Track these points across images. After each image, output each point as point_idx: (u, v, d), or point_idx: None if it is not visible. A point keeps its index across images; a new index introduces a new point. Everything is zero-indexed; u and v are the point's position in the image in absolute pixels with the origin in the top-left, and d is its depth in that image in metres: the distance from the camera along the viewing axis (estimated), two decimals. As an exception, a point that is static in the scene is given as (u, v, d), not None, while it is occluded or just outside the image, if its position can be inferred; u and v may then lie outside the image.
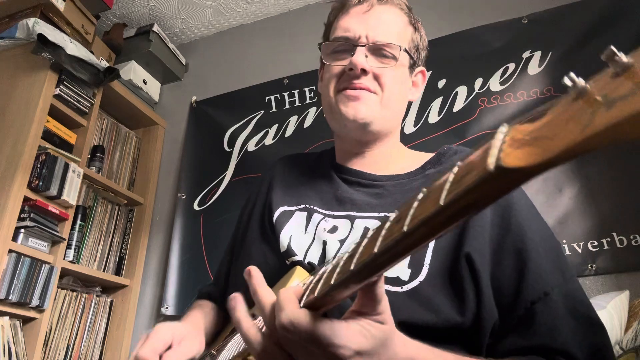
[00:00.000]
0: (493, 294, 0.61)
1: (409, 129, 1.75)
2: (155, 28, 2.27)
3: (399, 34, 0.79)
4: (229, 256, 0.91)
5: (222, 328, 0.84)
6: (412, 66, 0.83)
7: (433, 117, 1.73)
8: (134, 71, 2.20)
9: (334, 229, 0.71)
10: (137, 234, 2.03)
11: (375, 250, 0.34)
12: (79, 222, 1.76)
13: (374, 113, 0.75)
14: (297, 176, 0.85)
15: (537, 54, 1.66)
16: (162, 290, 1.87)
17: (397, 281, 0.61)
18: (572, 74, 0.22)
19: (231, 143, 2.06)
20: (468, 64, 1.74)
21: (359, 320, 0.42)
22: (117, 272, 1.93)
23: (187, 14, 2.35)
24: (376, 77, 0.76)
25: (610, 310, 1.02)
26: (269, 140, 1.99)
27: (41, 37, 1.65)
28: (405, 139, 1.78)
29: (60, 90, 1.75)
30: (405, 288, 0.61)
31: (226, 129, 2.09)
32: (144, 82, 2.28)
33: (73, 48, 1.72)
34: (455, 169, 0.27)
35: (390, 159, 0.82)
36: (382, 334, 0.43)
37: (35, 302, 1.50)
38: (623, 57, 0.20)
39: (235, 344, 0.67)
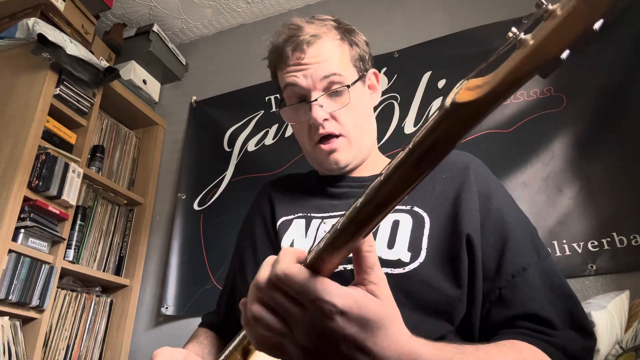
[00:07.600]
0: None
1: (409, 129, 1.75)
2: (155, 28, 2.27)
3: (339, 63, 0.84)
4: (229, 285, 0.96)
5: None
6: (362, 77, 0.88)
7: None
8: (133, 71, 2.20)
9: None
10: (137, 234, 2.03)
11: (358, 203, 0.36)
12: (78, 222, 1.76)
13: (349, 155, 0.84)
14: (291, 192, 0.92)
15: (537, 54, 1.66)
16: (162, 290, 1.87)
17: (399, 263, 0.68)
18: (513, 29, 0.28)
19: (231, 143, 2.06)
20: (468, 64, 1.74)
21: (352, 287, 0.43)
22: (117, 272, 1.93)
23: (187, 13, 2.35)
24: (335, 118, 0.82)
25: (610, 310, 1.02)
26: (269, 140, 1.99)
27: (41, 37, 1.65)
28: (406, 139, 1.78)
29: (60, 90, 1.75)
30: (407, 269, 0.67)
31: (226, 129, 2.09)
32: (144, 82, 2.28)
33: (73, 48, 1.72)
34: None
35: (370, 163, 0.90)
36: (374, 308, 0.41)
37: (35, 302, 1.50)
38: (549, 5, 0.26)
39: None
